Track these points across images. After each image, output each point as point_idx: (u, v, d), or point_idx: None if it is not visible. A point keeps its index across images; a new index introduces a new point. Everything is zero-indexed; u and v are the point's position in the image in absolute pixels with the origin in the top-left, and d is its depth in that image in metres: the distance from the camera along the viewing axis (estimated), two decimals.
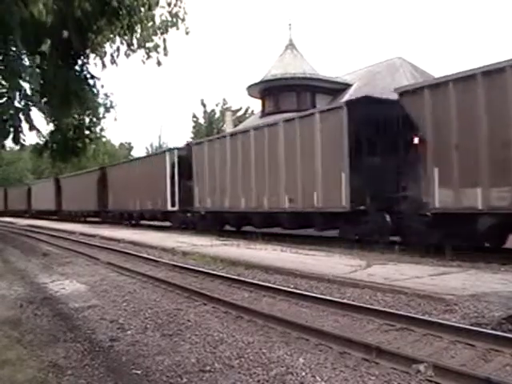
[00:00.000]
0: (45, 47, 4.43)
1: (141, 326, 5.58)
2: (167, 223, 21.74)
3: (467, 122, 9.06)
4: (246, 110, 42.05)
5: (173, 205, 19.99)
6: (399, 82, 17.88)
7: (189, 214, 19.29)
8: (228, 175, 16.34)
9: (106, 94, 7.40)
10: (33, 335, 5.33)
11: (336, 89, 23.08)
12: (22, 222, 32.15)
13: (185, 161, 19.40)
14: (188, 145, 20.75)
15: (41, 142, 8.83)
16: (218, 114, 43.96)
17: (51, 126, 8.21)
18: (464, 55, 69.50)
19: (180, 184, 19.78)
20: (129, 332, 5.38)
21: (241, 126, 27.34)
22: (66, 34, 4.74)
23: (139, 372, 4.13)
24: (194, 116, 44.81)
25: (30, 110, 4.28)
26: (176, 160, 20.13)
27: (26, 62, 4.81)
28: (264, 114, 24.66)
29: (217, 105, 44.52)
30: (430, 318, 5.23)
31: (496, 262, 8.54)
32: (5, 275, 9.80)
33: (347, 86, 23.01)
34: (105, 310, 6.48)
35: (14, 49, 4.32)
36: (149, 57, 5.49)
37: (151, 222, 23.49)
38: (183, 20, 5.35)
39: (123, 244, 15.58)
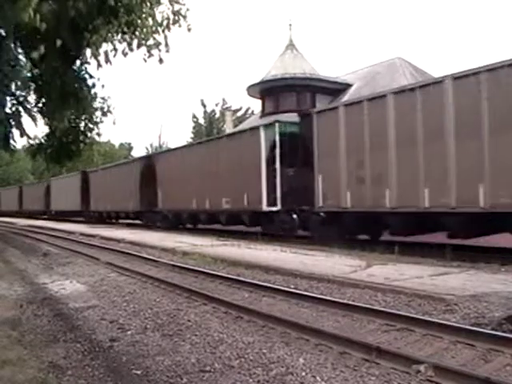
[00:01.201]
0: (36, 54, 4.41)
1: (141, 326, 5.58)
2: (245, 229, 15.74)
3: None
4: (246, 110, 42.09)
5: (271, 203, 14.20)
6: (399, 82, 17.90)
7: (295, 216, 13.86)
8: (392, 154, 10.63)
9: (103, 98, 7.41)
10: (33, 335, 5.33)
11: (336, 89, 23.06)
12: (23, 222, 32.14)
13: (291, 140, 13.93)
14: (303, 114, 14.30)
15: (35, 144, 8.84)
16: (217, 114, 43.98)
17: (47, 129, 8.22)
18: (464, 55, 69.51)
19: (282, 173, 14.12)
20: (129, 332, 5.38)
21: (240, 126, 27.30)
22: (61, 35, 4.73)
23: (139, 372, 4.13)
24: (194, 116, 44.89)
25: (20, 116, 4.27)
26: (277, 139, 14.18)
27: (23, 61, 4.80)
28: (264, 114, 24.66)
29: (217, 105, 44.62)
30: (430, 319, 5.23)
31: (496, 261, 8.53)
32: (5, 275, 9.80)
33: (347, 85, 23.00)
34: (105, 310, 6.48)
35: (7, 54, 4.31)
36: (150, 55, 5.48)
37: (229, 227, 17.03)
38: (185, 17, 5.34)
39: (123, 244, 15.58)
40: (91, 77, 6.68)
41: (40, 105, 6.55)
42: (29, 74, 5.61)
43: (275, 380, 3.83)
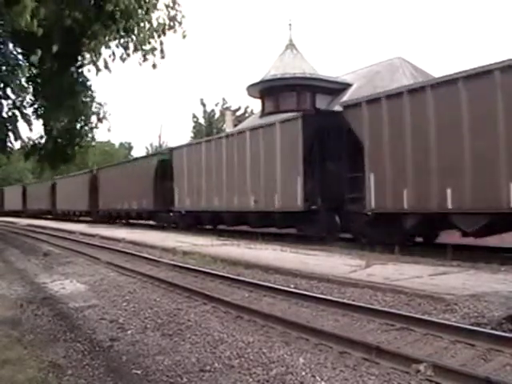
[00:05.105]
0: (35, 58, 4.41)
1: (141, 326, 5.58)
2: None
3: None
4: (246, 110, 42.03)
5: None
6: (399, 81, 17.88)
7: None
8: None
9: (99, 103, 7.43)
10: (33, 335, 5.33)
11: (336, 89, 23.04)
12: (23, 222, 32.15)
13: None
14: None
15: (29, 146, 8.81)
16: (217, 114, 43.93)
17: (41, 131, 8.21)
18: (464, 55, 69.51)
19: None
20: (129, 332, 5.38)
21: (240, 126, 27.30)
22: (58, 41, 4.75)
23: (139, 372, 4.13)
24: (194, 116, 44.79)
25: (17, 120, 4.29)
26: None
27: (22, 64, 4.81)
28: (264, 113, 24.64)
29: (216, 105, 44.52)
30: (430, 318, 5.23)
31: (496, 261, 8.53)
32: (5, 275, 9.79)
33: (347, 85, 22.97)
34: (105, 309, 6.48)
35: (5, 58, 4.32)
36: (145, 59, 5.53)
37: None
38: (180, 23, 5.39)
39: (123, 244, 15.57)
40: (87, 79, 6.72)
41: (36, 106, 6.57)
42: (26, 75, 5.64)
43: (275, 380, 3.83)
